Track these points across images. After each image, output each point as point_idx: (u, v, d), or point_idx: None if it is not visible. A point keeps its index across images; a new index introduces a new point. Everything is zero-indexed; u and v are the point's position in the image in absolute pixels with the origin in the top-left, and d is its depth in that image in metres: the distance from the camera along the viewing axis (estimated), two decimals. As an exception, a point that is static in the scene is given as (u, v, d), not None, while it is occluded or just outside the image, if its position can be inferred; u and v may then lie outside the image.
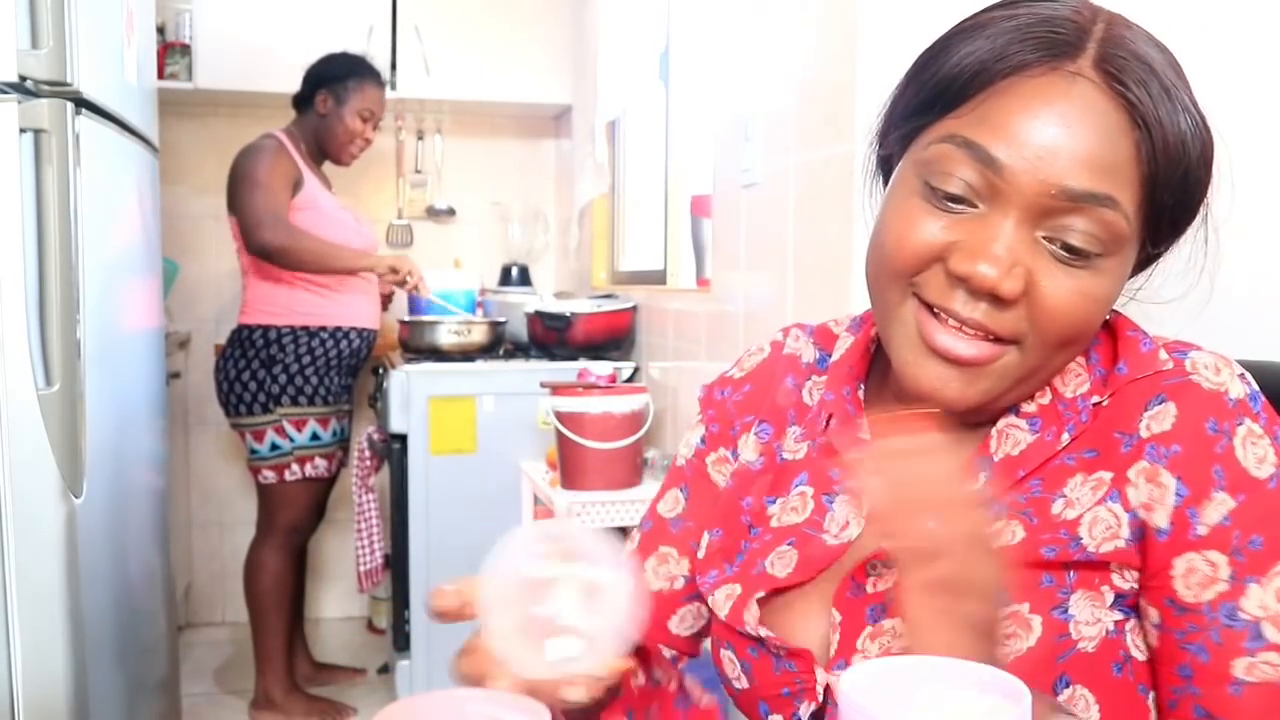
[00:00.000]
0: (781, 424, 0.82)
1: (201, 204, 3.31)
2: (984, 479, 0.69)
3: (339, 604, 3.61)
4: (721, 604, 0.76)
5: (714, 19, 2.15)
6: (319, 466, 2.76)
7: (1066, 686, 0.63)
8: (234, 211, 2.67)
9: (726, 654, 0.77)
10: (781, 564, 0.74)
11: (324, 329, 2.73)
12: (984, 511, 0.58)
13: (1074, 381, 0.70)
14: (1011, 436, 0.70)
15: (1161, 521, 0.64)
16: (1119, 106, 0.62)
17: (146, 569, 1.91)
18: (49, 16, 1.35)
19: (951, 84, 0.65)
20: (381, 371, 2.81)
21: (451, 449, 2.60)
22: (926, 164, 0.66)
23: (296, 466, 2.72)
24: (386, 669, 2.98)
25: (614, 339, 2.78)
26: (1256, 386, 0.66)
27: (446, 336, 2.76)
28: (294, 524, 2.77)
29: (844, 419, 0.77)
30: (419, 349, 2.78)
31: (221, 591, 3.50)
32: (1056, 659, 0.63)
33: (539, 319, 2.79)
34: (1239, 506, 0.62)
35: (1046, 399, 0.70)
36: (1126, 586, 0.65)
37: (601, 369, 2.49)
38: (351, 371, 2.84)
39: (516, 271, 3.57)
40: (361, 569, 2.77)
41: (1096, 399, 0.69)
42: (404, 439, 2.58)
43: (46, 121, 1.36)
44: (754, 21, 1.91)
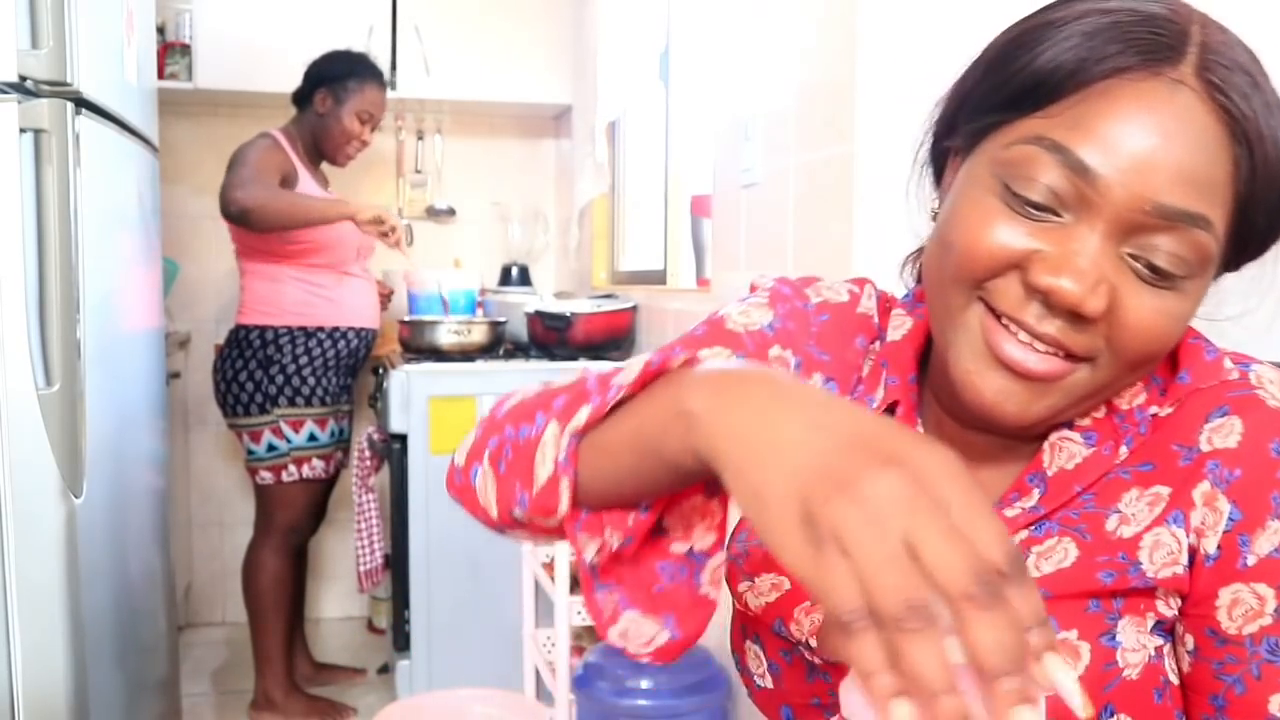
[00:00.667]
0: (845, 387, 0.77)
1: (201, 204, 3.31)
2: (1037, 495, 0.66)
3: (339, 604, 3.61)
4: (765, 592, 0.72)
5: (714, 19, 2.15)
6: (316, 468, 2.75)
7: (1111, 716, 0.61)
8: None
9: (753, 648, 0.74)
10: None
11: (321, 329, 2.73)
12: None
13: (1129, 393, 0.67)
14: (1065, 450, 0.67)
15: (1210, 547, 0.61)
16: (1220, 120, 0.58)
17: (146, 569, 1.91)
18: (49, 16, 1.35)
19: (1044, 81, 0.60)
20: (381, 371, 2.81)
21: (451, 449, 2.55)
22: (1008, 165, 0.61)
23: (294, 467, 2.72)
24: (386, 669, 2.98)
25: (614, 339, 2.78)
26: None
27: (446, 336, 2.76)
28: (291, 525, 2.77)
29: (908, 409, 0.72)
30: (419, 349, 2.78)
31: (221, 591, 3.50)
32: (1103, 688, 0.61)
33: (539, 319, 2.79)
34: None
35: (1101, 412, 0.67)
36: (1169, 614, 0.63)
37: (602, 369, 2.49)
38: (350, 372, 2.84)
39: (516, 271, 3.57)
40: (361, 569, 2.77)
41: (1155, 410, 0.66)
42: (404, 439, 2.58)
43: (46, 121, 1.36)
44: (754, 21, 1.91)
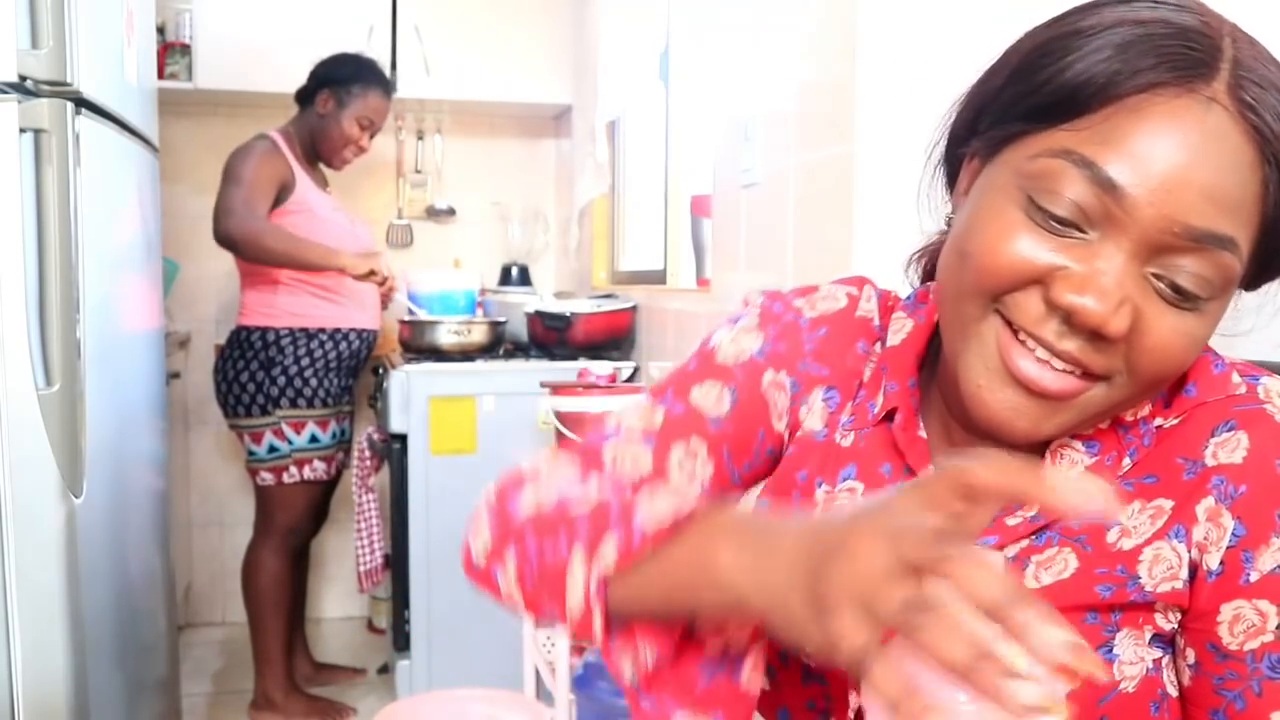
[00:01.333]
0: (846, 394, 0.75)
1: (201, 204, 3.29)
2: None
3: (339, 604, 3.61)
4: None
5: (714, 19, 2.15)
6: (317, 469, 2.75)
7: None
8: None
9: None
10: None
11: (323, 330, 2.73)
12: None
13: None
14: (1068, 459, 0.66)
15: (1213, 563, 0.61)
16: (1251, 140, 0.56)
17: (146, 569, 1.91)
18: (49, 16, 1.35)
19: (1074, 94, 0.58)
20: (381, 371, 2.81)
21: (451, 449, 2.60)
22: (1033, 177, 0.59)
23: (295, 469, 2.71)
24: (386, 669, 2.98)
25: (614, 339, 2.78)
26: None
27: (446, 336, 2.76)
28: (291, 525, 2.77)
29: (909, 415, 0.71)
30: (419, 349, 2.78)
31: (221, 591, 3.50)
32: (1098, 701, 0.61)
33: (539, 319, 2.79)
34: None
35: (1105, 422, 0.66)
36: (1168, 627, 0.63)
37: (601, 369, 2.49)
38: (352, 372, 2.84)
39: (516, 271, 3.57)
40: (361, 569, 2.77)
41: (1159, 421, 0.65)
42: (404, 439, 2.58)
43: (46, 121, 1.36)
44: (754, 21, 1.91)
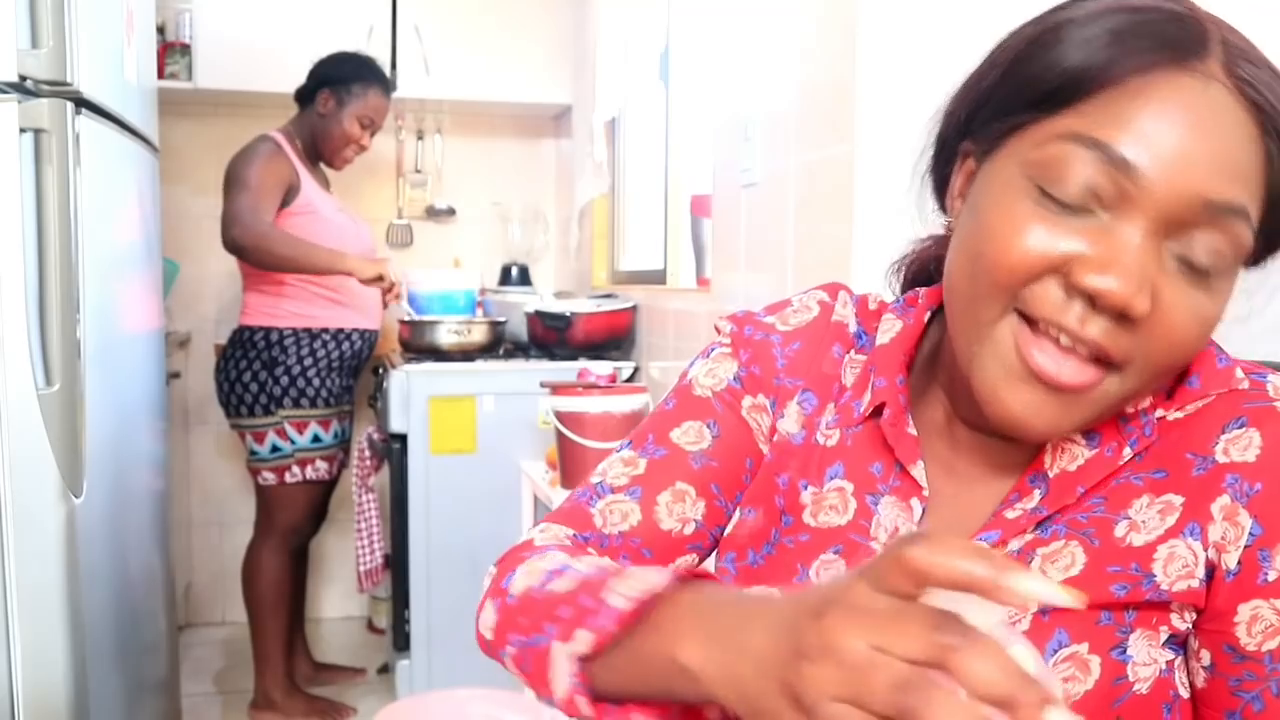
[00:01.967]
0: (825, 396, 0.76)
1: (201, 204, 3.31)
2: (1039, 496, 0.65)
3: (339, 604, 3.61)
4: None
5: (714, 19, 2.15)
6: (319, 469, 2.75)
7: None
8: None
9: None
10: (827, 577, 0.69)
11: (326, 331, 2.73)
12: None
13: None
14: (1068, 451, 0.65)
15: (1231, 562, 0.61)
16: (1250, 114, 0.57)
17: (146, 569, 1.91)
18: (49, 16, 1.35)
19: (1075, 79, 0.58)
20: (381, 371, 2.81)
21: (451, 449, 2.60)
22: (1041, 165, 0.59)
23: (297, 469, 2.71)
24: (386, 669, 2.98)
25: (614, 339, 2.78)
26: None
27: (446, 336, 2.76)
28: (292, 525, 2.77)
29: (897, 412, 0.71)
30: (419, 349, 2.78)
31: (221, 591, 3.50)
32: (1112, 703, 0.60)
33: (539, 319, 2.79)
34: None
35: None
36: (1183, 627, 0.62)
37: (601, 369, 2.49)
38: (353, 372, 2.84)
39: (516, 271, 3.57)
40: (361, 569, 2.77)
41: (1161, 413, 0.65)
42: (404, 439, 2.58)
43: (46, 121, 1.36)
44: (754, 21, 1.91)
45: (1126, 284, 0.56)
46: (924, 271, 0.80)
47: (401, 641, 2.61)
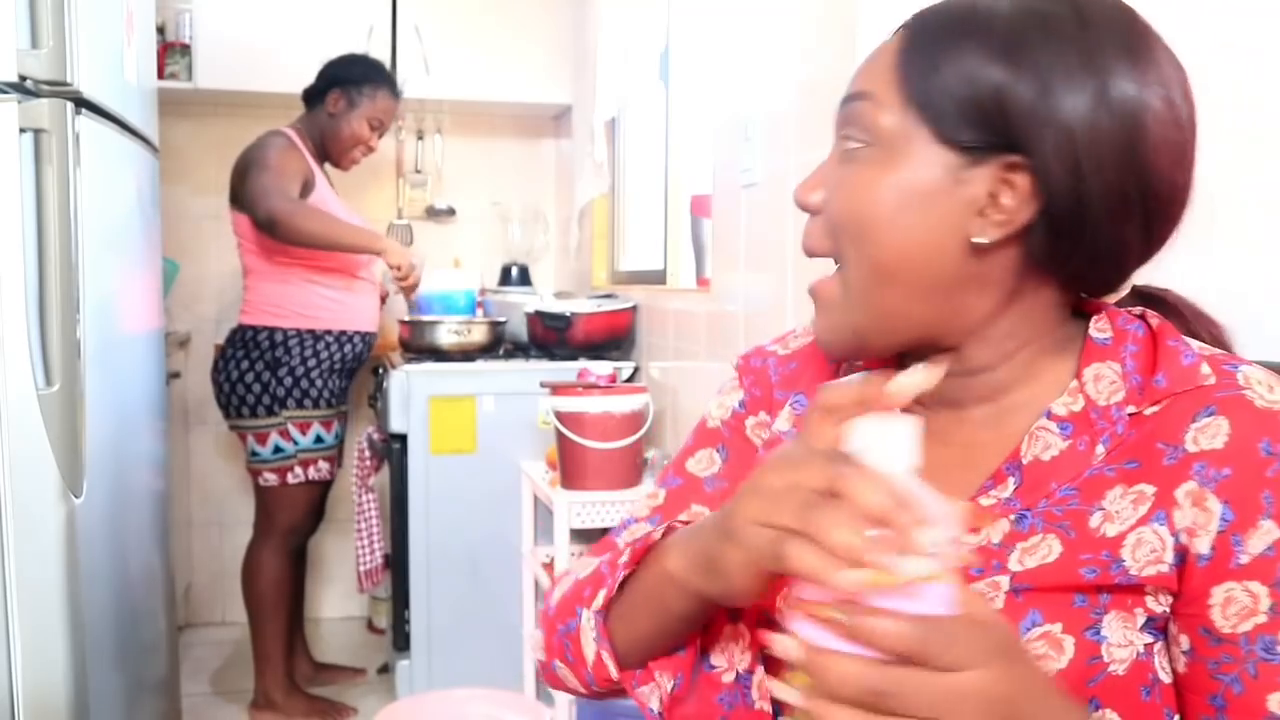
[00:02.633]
0: None
1: (201, 204, 3.31)
2: (1013, 485, 0.67)
3: (339, 604, 3.61)
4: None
5: (714, 19, 2.15)
6: (321, 469, 2.75)
7: (1096, 710, 0.62)
8: (237, 205, 2.66)
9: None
10: None
11: (329, 332, 2.72)
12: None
13: (1108, 389, 0.67)
14: (1042, 439, 0.68)
15: (1203, 548, 0.62)
16: (897, 36, 0.70)
17: (146, 569, 1.91)
18: (49, 16, 1.35)
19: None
20: (381, 371, 2.81)
21: (451, 449, 2.60)
22: None
23: (299, 469, 2.71)
24: (386, 669, 2.98)
25: (614, 339, 2.78)
26: None
27: (446, 336, 2.76)
28: (292, 526, 2.77)
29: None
30: (419, 349, 2.78)
31: (221, 591, 3.50)
32: (1087, 682, 0.62)
33: (539, 319, 2.79)
34: None
35: (1079, 404, 0.68)
36: (1160, 610, 0.63)
37: (601, 369, 2.49)
38: (351, 374, 2.84)
39: (516, 271, 3.57)
40: (361, 569, 2.77)
41: (1133, 409, 0.66)
42: (404, 439, 2.58)
43: (46, 121, 1.36)
44: (754, 21, 1.91)
45: (799, 187, 0.72)
46: None
47: (401, 641, 2.61)
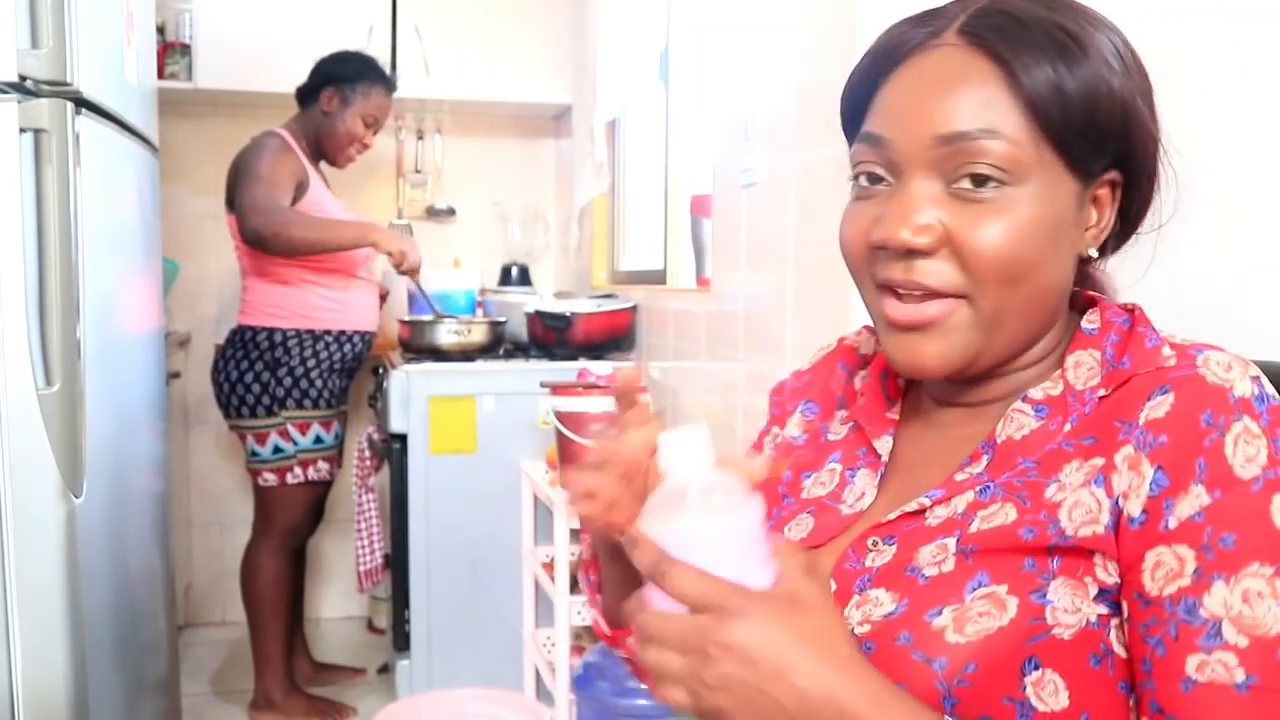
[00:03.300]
0: (829, 405, 0.87)
1: (201, 204, 3.31)
2: (985, 461, 0.71)
3: (339, 604, 3.61)
4: None
5: (714, 19, 2.15)
6: (321, 469, 2.75)
7: (1036, 669, 0.63)
8: (232, 208, 2.66)
9: None
10: (798, 530, 0.79)
11: (329, 332, 2.72)
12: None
13: (1086, 374, 0.71)
14: (1016, 420, 0.72)
15: (1134, 510, 0.63)
16: (981, 55, 0.68)
17: (146, 569, 1.91)
18: (49, 16, 1.35)
19: (851, 95, 0.75)
20: (381, 371, 2.81)
21: (451, 449, 2.60)
22: (851, 169, 0.75)
23: (299, 469, 2.71)
24: (386, 669, 2.98)
25: (614, 339, 2.78)
26: (1271, 390, 0.64)
27: (446, 336, 2.76)
28: (291, 526, 2.77)
29: (874, 399, 0.82)
30: (419, 349, 2.78)
31: (221, 591, 3.50)
32: (1027, 640, 0.63)
33: (539, 319, 2.79)
34: (1215, 503, 0.61)
35: (1058, 389, 0.71)
36: (1110, 581, 0.64)
37: (601, 369, 2.49)
38: (351, 373, 2.84)
39: (516, 271, 3.57)
40: (361, 569, 2.77)
41: (1104, 392, 0.69)
42: (404, 439, 2.58)
43: (46, 121, 1.36)
44: (754, 21, 1.91)
45: (898, 225, 0.68)
46: None
47: (401, 641, 2.61)
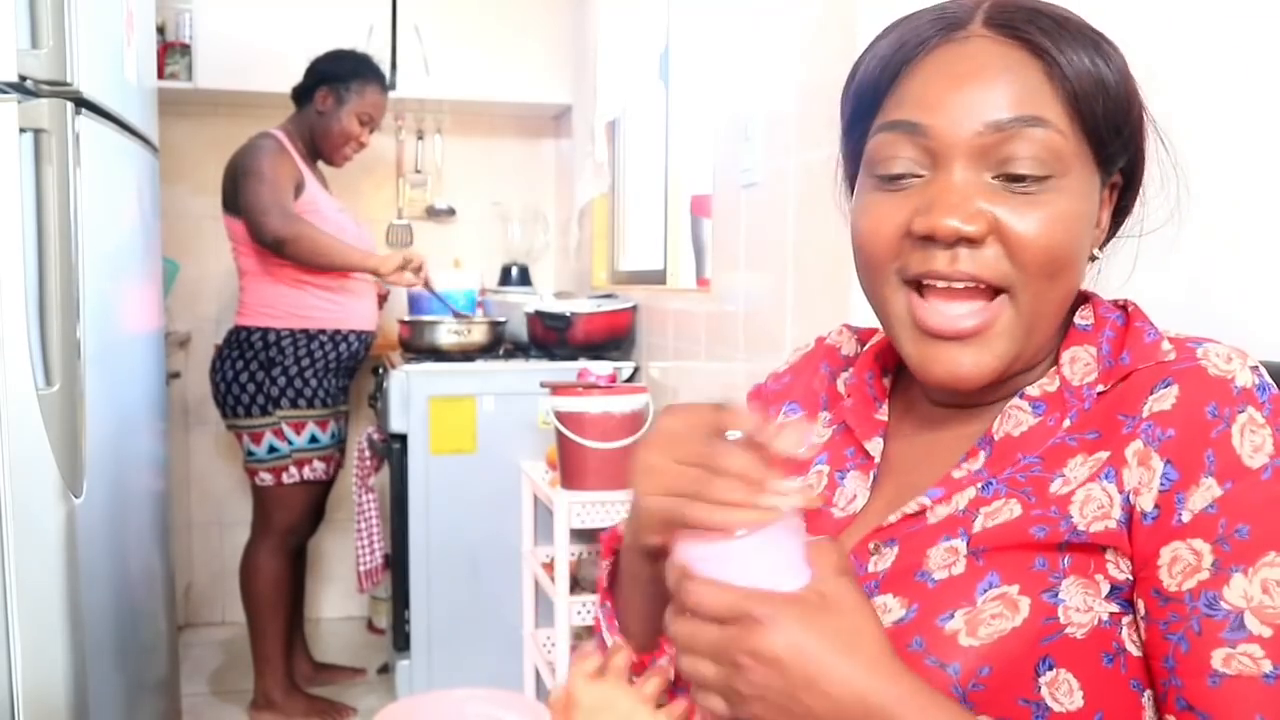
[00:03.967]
0: (813, 407, 0.86)
1: (201, 204, 3.31)
2: (984, 458, 0.71)
3: (339, 604, 3.61)
4: None
5: (714, 19, 2.15)
6: (317, 469, 2.75)
7: (1050, 669, 0.63)
8: (231, 210, 2.66)
9: None
10: None
11: (323, 332, 2.72)
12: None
13: (1082, 370, 0.71)
14: (1014, 417, 0.71)
15: (1147, 505, 0.63)
16: (1017, 46, 0.67)
17: (146, 569, 1.91)
18: (49, 16, 1.35)
19: (868, 86, 0.72)
20: (381, 371, 2.81)
21: (451, 449, 2.60)
22: (871, 159, 0.71)
23: (294, 469, 2.71)
24: (386, 669, 2.98)
25: (614, 339, 2.78)
26: (1270, 380, 0.65)
27: (446, 336, 2.76)
28: (290, 526, 2.77)
29: (862, 400, 0.81)
30: (419, 349, 2.78)
31: (221, 591, 3.50)
32: (1041, 640, 0.63)
33: (539, 319, 2.79)
34: (1226, 494, 0.61)
35: (1054, 386, 0.71)
36: (1122, 577, 0.64)
37: (601, 369, 2.49)
38: (349, 373, 2.84)
39: (516, 271, 3.57)
40: (361, 569, 2.77)
41: (1102, 388, 0.69)
42: (404, 439, 2.58)
43: (46, 121, 1.36)
44: (754, 21, 1.91)
45: (950, 213, 0.66)
46: None
47: (401, 641, 2.61)
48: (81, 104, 1.46)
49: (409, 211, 3.65)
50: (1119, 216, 0.75)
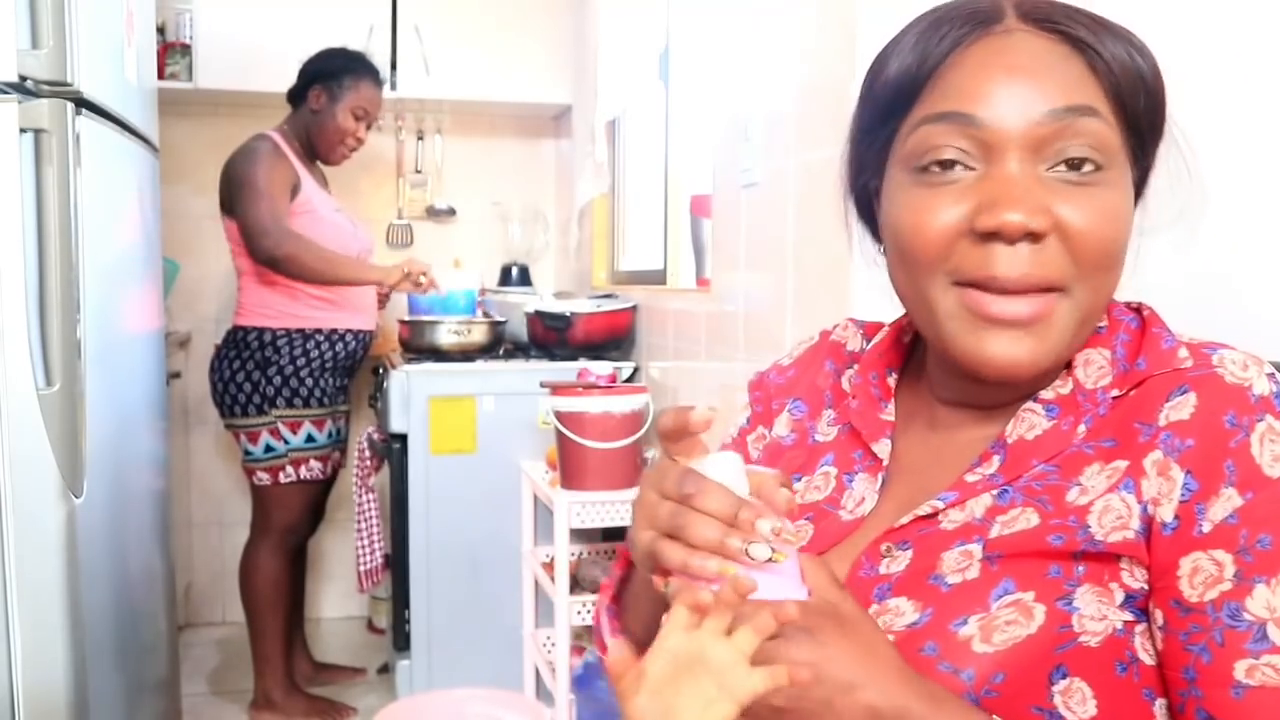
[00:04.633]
0: (817, 404, 0.85)
1: (201, 204, 3.31)
2: (997, 462, 0.70)
3: (339, 604, 3.61)
4: None
5: (714, 19, 2.15)
6: (314, 469, 2.75)
7: (1064, 678, 0.62)
8: (229, 213, 2.66)
9: None
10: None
11: (320, 331, 2.72)
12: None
13: (1096, 374, 0.70)
14: (1027, 420, 0.70)
15: (1167, 516, 0.62)
16: (1058, 40, 0.66)
17: (146, 569, 1.91)
18: (49, 16, 1.35)
19: (903, 80, 0.69)
20: (381, 371, 2.81)
21: (451, 449, 2.60)
22: (912, 153, 0.68)
23: (291, 469, 2.71)
24: (386, 669, 2.98)
25: (614, 339, 2.78)
26: None
27: (446, 336, 2.76)
28: (288, 526, 2.77)
29: (867, 401, 0.80)
30: (419, 349, 2.78)
31: (221, 591, 3.50)
32: (1055, 649, 0.63)
33: (539, 319, 2.79)
34: (1247, 504, 0.61)
35: (1067, 388, 0.70)
36: (1136, 586, 0.64)
37: (601, 369, 2.49)
38: (348, 373, 2.84)
39: (516, 271, 3.57)
40: (361, 569, 2.77)
41: (1116, 392, 0.68)
42: (404, 439, 2.58)
43: (46, 121, 1.36)
44: (754, 21, 1.91)
45: (1013, 206, 0.64)
46: None
47: (401, 641, 2.61)
48: (82, 104, 1.46)
49: (409, 211, 3.65)
50: None
